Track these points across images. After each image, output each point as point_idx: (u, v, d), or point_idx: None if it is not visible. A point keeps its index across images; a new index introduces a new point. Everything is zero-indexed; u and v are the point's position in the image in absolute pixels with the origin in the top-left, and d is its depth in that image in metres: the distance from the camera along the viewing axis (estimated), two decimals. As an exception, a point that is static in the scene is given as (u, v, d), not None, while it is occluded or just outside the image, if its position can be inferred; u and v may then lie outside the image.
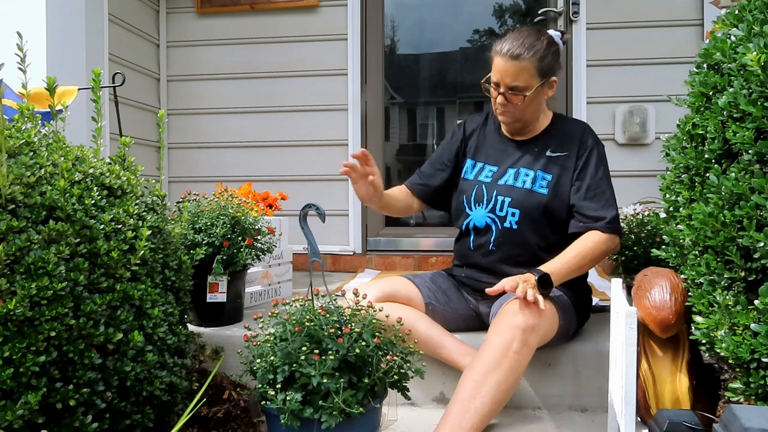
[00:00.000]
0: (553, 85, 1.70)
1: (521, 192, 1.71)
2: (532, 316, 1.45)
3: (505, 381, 1.42)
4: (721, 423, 0.86)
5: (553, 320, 1.58)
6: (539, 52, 1.62)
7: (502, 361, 1.42)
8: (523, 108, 1.68)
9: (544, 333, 1.53)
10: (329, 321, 1.30)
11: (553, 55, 1.67)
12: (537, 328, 1.46)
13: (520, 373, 1.46)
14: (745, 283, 1.07)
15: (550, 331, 1.59)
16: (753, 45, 1.04)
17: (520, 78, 1.63)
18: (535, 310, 1.46)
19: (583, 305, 1.81)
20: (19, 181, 1.10)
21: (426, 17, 3.49)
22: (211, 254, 1.87)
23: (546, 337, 1.57)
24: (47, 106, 1.33)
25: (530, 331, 1.44)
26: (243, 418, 1.60)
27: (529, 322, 1.44)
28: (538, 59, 1.62)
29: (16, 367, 1.00)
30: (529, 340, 1.45)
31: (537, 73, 1.63)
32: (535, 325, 1.45)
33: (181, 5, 3.43)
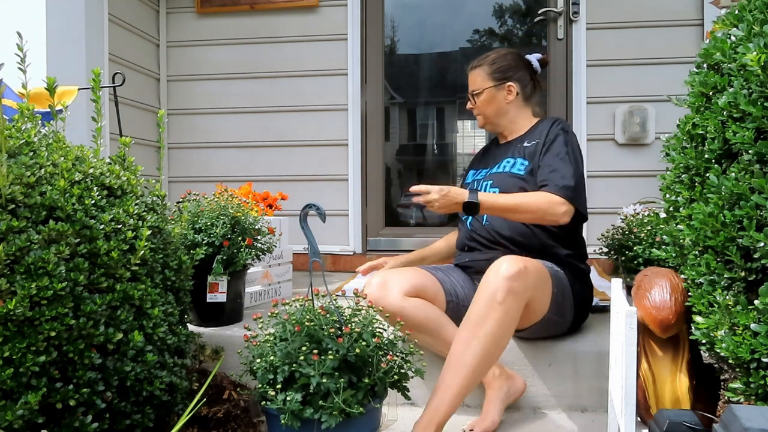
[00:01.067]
0: (510, 89, 1.91)
1: (501, 174, 1.88)
2: (515, 264, 1.49)
3: (493, 333, 1.46)
4: (721, 423, 0.86)
5: (543, 279, 1.60)
6: (492, 59, 1.93)
7: (489, 314, 1.46)
8: (483, 108, 1.93)
9: (534, 287, 1.54)
10: (329, 321, 1.30)
11: (508, 63, 1.91)
12: (522, 277, 1.48)
13: (509, 324, 1.49)
14: (745, 283, 1.07)
15: (540, 289, 1.59)
16: (753, 45, 1.04)
17: (476, 83, 1.93)
18: (519, 261, 1.50)
19: (584, 298, 1.82)
20: (19, 181, 1.10)
21: (426, 17, 3.49)
22: (211, 254, 1.87)
23: (537, 296, 1.58)
24: (47, 106, 1.33)
25: (514, 279, 1.47)
26: (243, 418, 1.60)
27: (512, 270, 1.47)
28: (488, 64, 1.92)
29: (16, 367, 1.00)
30: (514, 288, 1.46)
31: (489, 76, 1.91)
32: (519, 272, 1.47)
33: (181, 5, 3.43)
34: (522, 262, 1.50)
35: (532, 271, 1.53)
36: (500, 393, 1.63)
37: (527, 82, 1.94)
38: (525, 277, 1.49)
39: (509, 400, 1.66)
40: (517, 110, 1.94)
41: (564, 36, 3.17)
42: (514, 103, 1.92)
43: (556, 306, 1.68)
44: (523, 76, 1.93)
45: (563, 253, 1.78)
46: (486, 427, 1.56)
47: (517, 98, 1.92)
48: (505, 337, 1.50)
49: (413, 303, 1.66)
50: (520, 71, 1.93)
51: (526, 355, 1.76)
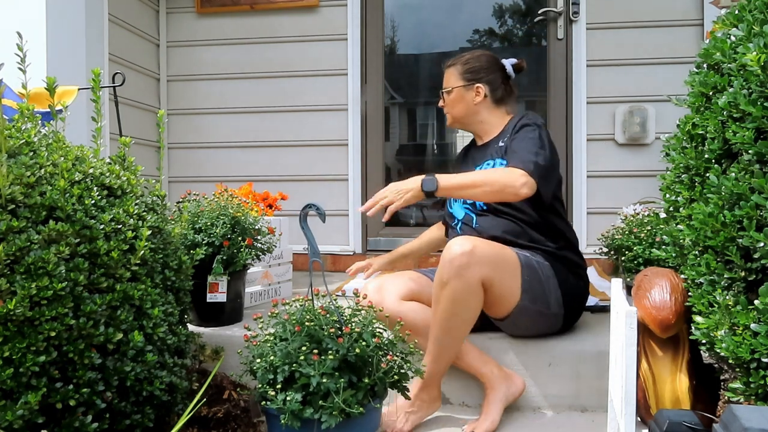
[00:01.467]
0: (479, 91, 1.92)
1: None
2: (461, 245, 1.53)
3: (445, 310, 1.54)
4: (721, 423, 0.86)
5: (501, 261, 1.62)
6: (465, 59, 1.95)
7: (439, 294, 1.55)
8: (451, 106, 1.96)
9: (486, 266, 1.55)
10: (329, 321, 1.30)
11: (481, 65, 1.94)
12: (467, 255, 1.51)
13: (460, 301, 1.53)
14: (745, 283, 1.07)
15: (500, 272, 1.60)
16: (753, 45, 1.04)
17: (448, 81, 1.96)
18: (467, 243, 1.54)
19: (576, 291, 1.80)
20: (19, 181, 1.10)
21: (426, 17, 3.49)
22: (211, 254, 1.87)
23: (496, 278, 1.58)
24: (47, 106, 1.33)
25: (457, 259, 1.51)
26: (243, 418, 1.60)
27: (455, 251, 1.52)
28: (462, 64, 1.94)
29: (16, 367, 1.00)
30: (457, 267, 1.51)
31: (460, 76, 1.93)
32: (463, 252, 1.51)
33: (181, 5, 3.43)
34: (470, 243, 1.54)
35: (482, 251, 1.55)
36: (499, 393, 1.64)
37: (498, 85, 1.95)
38: (471, 256, 1.52)
39: (509, 400, 1.66)
40: (488, 112, 1.94)
41: (564, 36, 3.17)
42: (483, 104, 1.93)
43: (532, 294, 1.67)
44: (495, 79, 1.94)
45: (552, 246, 1.78)
46: (486, 428, 1.57)
47: (485, 100, 1.93)
48: (462, 312, 1.55)
49: (410, 306, 1.69)
50: (492, 74, 1.94)
51: (526, 355, 1.76)
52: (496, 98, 1.94)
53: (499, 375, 1.67)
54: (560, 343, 1.78)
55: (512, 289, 1.64)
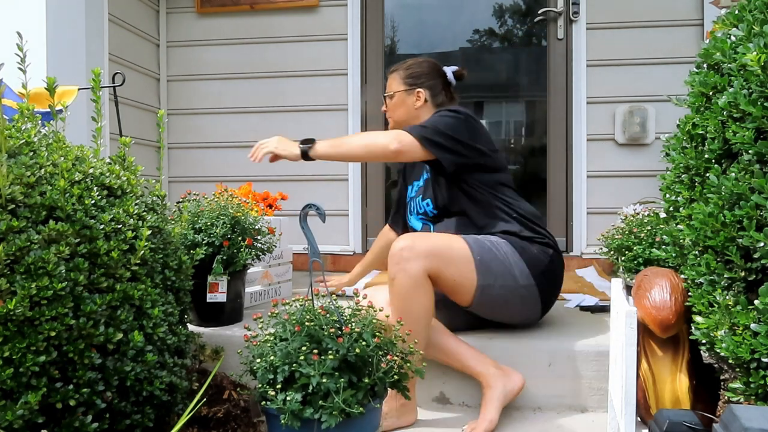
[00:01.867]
0: (419, 95, 2.01)
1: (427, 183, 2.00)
2: (398, 243, 1.60)
3: (399, 306, 1.59)
4: (721, 423, 0.86)
5: (446, 248, 1.65)
6: (408, 65, 2.04)
7: (391, 290, 1.61)
8: (392, 109, 2.07)
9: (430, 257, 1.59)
10: (329, 321, 1.30)
11: (422, 71, 2.02)
12: (405, 250, 1.57)
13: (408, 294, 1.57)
14: (745, 283, 1.07)
15: (447, 259, 1.63)
16: (753, 45, 1.04)
17: (390, 86, 2.07)
18: (405, 240, 1.60)
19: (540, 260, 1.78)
20: (19, 181, 1.10)
21: (426, 17, 3.49)
22: (211, 254, 1.87)
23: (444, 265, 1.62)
24: (47, 106, 1.33)
25: (397, 256, 1.58)
26: (243, 418, 1.60)
27: (394, 249, 1.59)
28: (404, 69, 2.03)
29: (16, 367, 1.00)
30: (399, 264, 1.57)
31: (402, 81, 2.03)
32: (401, 248, 1.57)
33: (181, 5, 3.43)
34: (410, 238, 1.61)
35: (422, 243, 1.61)
36: (496, 391, 1.63)
37: (439, 90, 2.02)
38: (411, 250, 1.58)
39: (507, 398, 1.65)
40: (428, 117, 1.96)
41: (564, 36, 3.17)
42: (424, 109, 2.00)
43: (491, 272, 1.68)
44: (435, 85, 2.02)
45: (505, 225, 1.80)
46: (485, 428, 1.56)
47: (425, 105, 2.00)
48: (412, 310, 1.58)
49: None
50: (432, 80, 2.02)
51: (526, 356, 1.76)
52: (436, 103, 2.01)
53: (495, 373, 1.66)
54: (560, 343, 1.78)
55: (465, 272, 1.67)
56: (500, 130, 3.80)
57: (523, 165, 3.66)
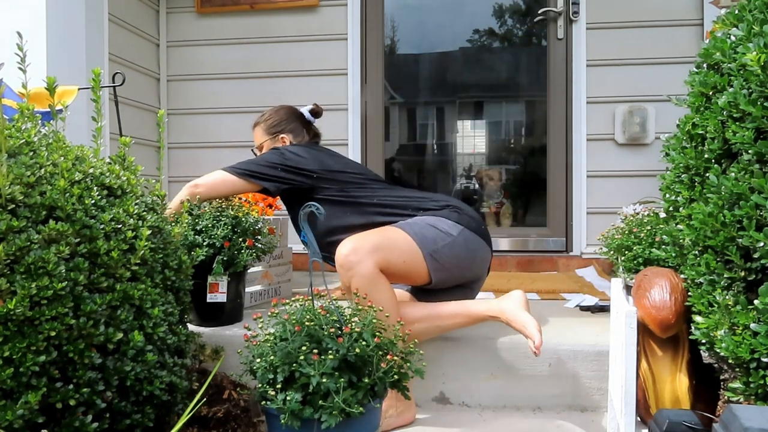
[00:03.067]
0: (283, 140, 2.18)
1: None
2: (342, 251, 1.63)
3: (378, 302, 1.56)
4: (721, 423, 0.86)
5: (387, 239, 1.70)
6: (266, 117, 2.23)
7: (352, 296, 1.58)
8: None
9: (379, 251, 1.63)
10: (329, 321, 1.30)
11: (280, 118, 2.20)
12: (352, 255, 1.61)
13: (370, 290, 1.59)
14: (744, 283, 1.07)
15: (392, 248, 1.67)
16: (753, 45, 1.04)
17: (257, 138, 2.24)
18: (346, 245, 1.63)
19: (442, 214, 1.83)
20: (19, 180, 1.10)
21: (426, 17, 3.49)
22: (212, 255, 1.87)
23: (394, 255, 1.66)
24: (47, 106, 1.33)
25: (346, 263, 1.61)
26: (243, 418, 1.60)
27: (340, 258, 1.63)
28: (264, 122, 2.22)
29: (16, 367, 1.00)
30: (351, 269, 1.61)
31: (265, 132, 2.21)
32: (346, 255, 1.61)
33: (181, 5, 3.43)
34: (350, 243, 1.64)
35: (364, 242, 1.64)
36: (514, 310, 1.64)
37: (300, 131, 2.20)
38: (355, 252, 1.62)
39: (525, 306, 1.66)
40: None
41: (564, 36, 3.17)
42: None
43: (428, 238, 1.73)
44: (296, 127, 2.20)
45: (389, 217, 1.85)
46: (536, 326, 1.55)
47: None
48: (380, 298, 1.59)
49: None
50: (291, 123, 2.20)
51: (526, 356, 1.76)
52: (300, 142, 2.17)
53: (498, 302, 1.69)
54: (560, 343, 1.78)
55: (411, 252, 1.70)
56: (500, 130, 3.80)
57: (523, 165, 3.66)
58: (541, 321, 1.97)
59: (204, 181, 1.96)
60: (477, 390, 1.77)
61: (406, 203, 1.90)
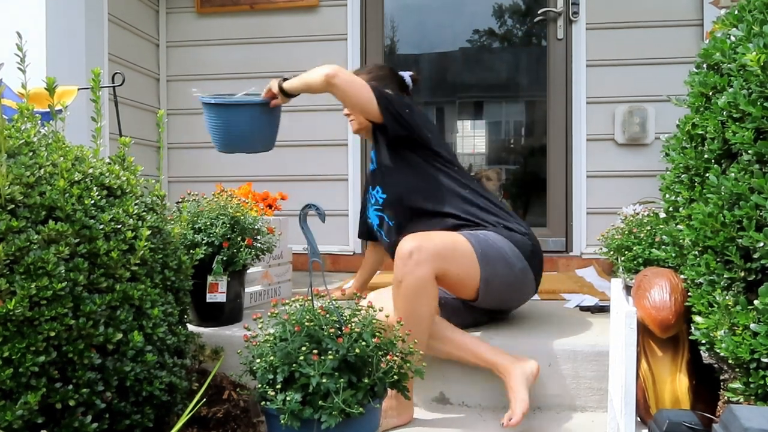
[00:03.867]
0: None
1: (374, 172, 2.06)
2: (407, 245, 1.59)
3: (404, 308, 1.58)
4: (721, 423, 0.86)
5: (451, 247, 1.67)
6: (369, 69, 2.13)
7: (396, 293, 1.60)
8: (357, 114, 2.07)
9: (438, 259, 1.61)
10: (329, 321, 1.30)
11: (384, 74, 2.11)
12: (415, 253, 1.57)
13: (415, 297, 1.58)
14: (744, 283, 1.07)
15: (452, 258, 1.65)
16: (753, 45, 1.04)
17: None
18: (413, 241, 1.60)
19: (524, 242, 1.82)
20: (19, 181, 1.10)
21: (426, 17, 3.49)
22: (211, 254, 1.87)
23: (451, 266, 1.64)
24: (47, 106, 1.33)
25: (406, 258, 1.58)
26: (243, 418, 1.60)
27: (403, 251, 1.59)
28: (366, 73, 2.08)
29: (16, 367, 1.00)
30: (408, 266, 1.57)
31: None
32: (410, 251, 1.57)
33: (181, 5, 3.43)
34: (417, 240, 1.60)
35: (429, 244, 1.61)
36: (518, 376, 1.63)
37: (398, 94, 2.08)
38: (419, 252, 1.58)
39: (529, 380, 1.65)
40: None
41: (564, 36, 3.17)
42: None
43: (492, 263, 1.71)
44: (395, 89, 2.09)
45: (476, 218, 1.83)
46: (522, 409, 1.56)
47: None
48: (419, 307, 1.59)
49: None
50: (393, 84, 2.10)
51: (526, 355, 1.76)
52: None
53: (512, 359, 1.67)
54: (560, 343, 1.78)
55: (470, 267, 1.69)
56: (500, 130, 3.80)
57: (522, 165, 3.66)
58: (540, 321, 1.97)
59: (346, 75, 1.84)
60: (477, 390, 1.77)
61: (493, 212, 1.87)
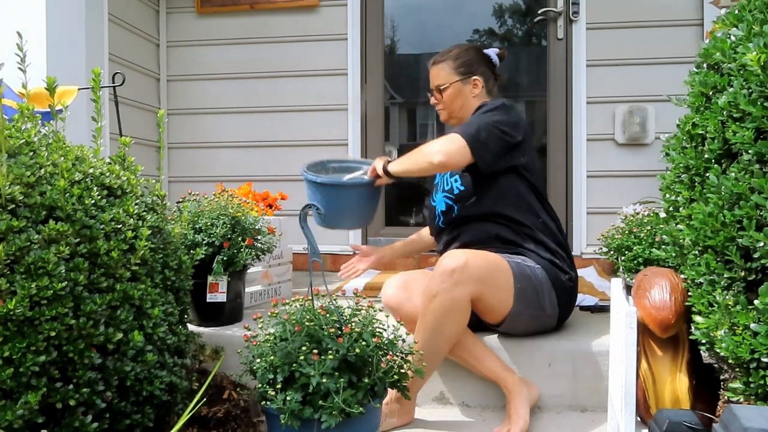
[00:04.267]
0: (476, 83, 1.92)
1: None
2: (453, 260, 1.54)
3: (432, 322, 1.55)
4: (721, 423, 0.86)
5: (493, 273, 1.62)
6: (455, 54, 1.94)
7: (427, 306, 1.55)
8: (449, 102, 1.94)
9: (478, 281, 1.56)
10: (329, 321, 1.30)
11: (472, 57, 1.93)
12: (457, 272, 1.53)
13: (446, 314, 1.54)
14: (745, 283, 1.07)
15: (490, 283, 1.61)
16: (753, 45, 1.04)
17: (441, 77, 1.94)
18: (460, 258, 1.55)
19: (565, 288, 1.79)
20: (19, 181, 1.10)
21: (426, 17, 3.49)
22: (211, 254, 1.87)
23: (488, 290, 1.60)
24: (47, 106, 1.33)
25: (447, 275, 1.53)
26: (243, 418, 1.60)
27: (447, 266, 1.54)
28: (453, 59, 1.93)
29: (16, 367, 1.00)
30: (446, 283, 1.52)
31: (454, 71, 1.92)
32: (454, 268, 1.53)
33: (181, 5, 3.43)
34: (463, 258, 1.55)
35: (474, 266, 1.56)
36: (523, 396, 1.63)
37: (489, 75, 1.97)
38: (462, 272, 1.53)
39: (531, 404, 1.66)
40: (480, 103, 1.92)
41: (564, 36, 3.17)
42: (479, 97, 1.94)
43: (526, 301, 1.67)
44: (486, 71, 1.95)
45: (542, 246, 1.78)
46: (521, 426, 1.56)
47: (481, 92, 1.93)
48: (446, 326, 1.56)
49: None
50: (482, 66, 1.95)
51: (526, 355, 1.76)
52: (488, 89, 1.96)
53: (519, 379, 1.68)
54: (560, 343, 1.78)
55: (504, 299, 1.66)
56: (500, 130, 3.78)
57: (523, 165, 3.65)
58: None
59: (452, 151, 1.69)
60: (477, 390, 1.76)
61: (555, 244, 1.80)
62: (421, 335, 1.56)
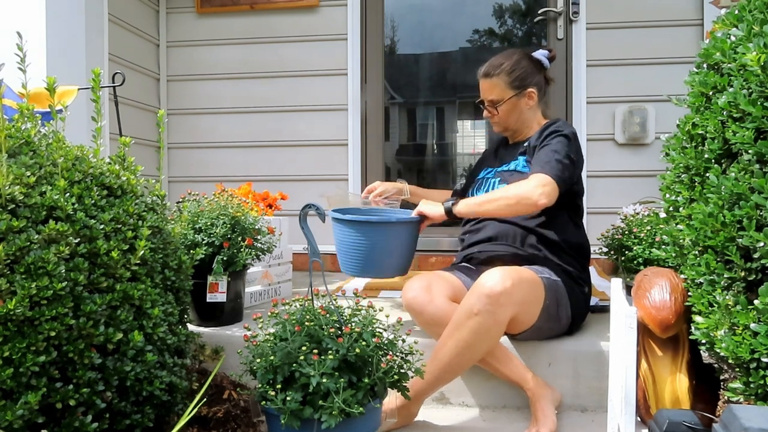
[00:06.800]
0: (531, 95, 1.89)
1: (507, 171, 1.91)
2: (500, 282, 1.51)
3: (466, 339, 1.53)
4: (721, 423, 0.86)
5: (531, 293, 1.62)
6: (507, 67, 1.88)
7: (465, 322, 1.52)
8: (505, 117, 1.92)
9: (518, 303, 1.56)
10: (329, 321, 1.30)
11: (525, 69, 1.89)
12: (503, 296, 1.51)
13: (485, 333, 1.53)
14: (745, 283, 1.07)
15: (527, 303, 1.61)
16: (753, 45, 1.04)
17: (494, 92, 1.89)
18: (506, 280, 1.52)
19: (582, 300, 1.82)
20: (19, 181, 1.10)
21: (426, 17, 3.49)
22: (211, 254, 1.87)
23: (523, 310, 1.60)
24: (47, 106, 1.33)
25: (494, 297, 1.50)
26: (243, 418, 1.60)
27: (494, 288, 1.51)
28: (506, 74, 1.87)
29: (16, 367, 1.00)
30: (491, 305, 1.50)
31: (508, 86, 1.88)
32: (501, 292, 1.50)
33: (181, 5, 3.43)
34: (509, 281, 1.52)
35: (518, 289, 1.55)
36: (548, 398, 1.64)
37: (542, 83, 1.94)
38: (509, 296, 1.52)
39: (555, 405, 1.66)
40: (534, 113, 1.94)
41: (564, 36, 3.17)
42: (534, 108, 1.93)
43: (548, 315, 1.70)
44: (540, 79, 1.92)
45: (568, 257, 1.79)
46: (550, 428, 1.55)
47: (536, 102, 1.92)
48: (481, 344, 1.56)
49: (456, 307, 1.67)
50: (535, 75, 1.91)
51: (526, 355, 1.76)
52: (542, 96, 1.94)
53: (542, 382, 1.68)
54: (560, 343, 1.78)
55: (533, 315, 1.67)
56: (500, 130, 3.78)
57: (523, 165, 3.65)
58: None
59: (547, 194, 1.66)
60: (477, 390, 1.76)
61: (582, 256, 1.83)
62: (452, 349, 1.55)
